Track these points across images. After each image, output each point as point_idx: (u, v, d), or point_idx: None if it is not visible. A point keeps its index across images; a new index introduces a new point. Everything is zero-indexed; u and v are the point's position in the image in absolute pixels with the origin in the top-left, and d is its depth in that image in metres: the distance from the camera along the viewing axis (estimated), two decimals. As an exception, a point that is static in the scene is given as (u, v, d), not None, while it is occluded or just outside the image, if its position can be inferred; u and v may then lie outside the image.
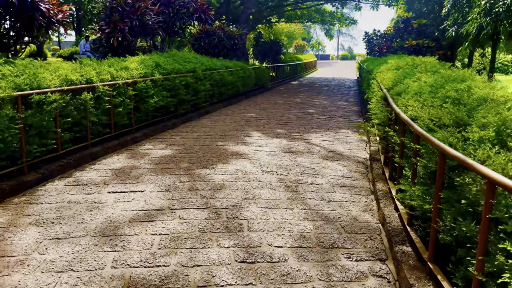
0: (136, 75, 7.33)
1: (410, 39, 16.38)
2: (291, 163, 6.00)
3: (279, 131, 8.50)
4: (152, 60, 8.37)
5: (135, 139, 7.15)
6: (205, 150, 6.68)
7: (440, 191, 2.68)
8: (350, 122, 9.88)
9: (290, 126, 9.11)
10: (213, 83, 11.07)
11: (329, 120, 10.13)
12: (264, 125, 9.09)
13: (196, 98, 9.99)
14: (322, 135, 8.20)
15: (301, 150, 6.88)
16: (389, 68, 8.06)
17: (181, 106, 9.25)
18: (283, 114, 10.78)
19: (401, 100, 4.48)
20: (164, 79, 8.35)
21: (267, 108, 12.01)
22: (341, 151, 6.92)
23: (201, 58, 11.06)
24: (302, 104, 13.06)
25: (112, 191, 4.68)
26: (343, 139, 7.91)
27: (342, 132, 8.60)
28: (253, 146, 7.01)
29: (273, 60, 23.77)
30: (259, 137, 7.79)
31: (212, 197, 4.54)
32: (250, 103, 13.23)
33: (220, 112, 10.98)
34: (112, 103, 6.51)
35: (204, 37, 14.64)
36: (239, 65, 14.05)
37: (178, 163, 5.84)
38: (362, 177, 5.53)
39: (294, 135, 8.09)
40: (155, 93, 7.85)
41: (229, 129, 8.58)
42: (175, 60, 9.55)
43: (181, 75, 9.08)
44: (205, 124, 9.19)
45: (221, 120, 9.76)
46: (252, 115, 10.51)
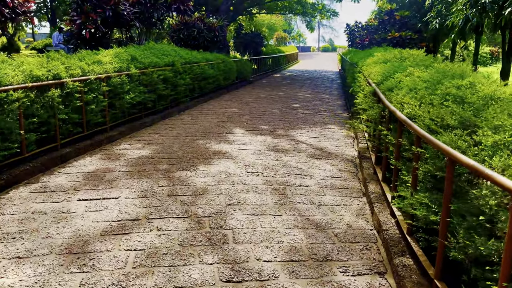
0: (110, 70, 6.85)
1: (393, 31, 16.22)
2: (278, 163, 5.68)
3: (263, 127, 8.16)
4: (127, 53, 7.88)
5: (110, 138, 6.69)
6: (185, 149, 6.28)
7: (449, 201, 2.39)
8: (336, 117, 9.62)
9: (274, 121, 8.79)
10: (193, 77, 10.62)
11: (314, 115, 9.85)
12: (247, 121, 8.73)
13: (176, 93, 9.54)
14: (308, 131, 7.90)
15: (287, 148, 6.57)
16: (376, 61, 7.80)
17: (160, 102, 8.80)
18: (266, 109, 10.44)
19: (395, 96, 4.20)
20: (141, 74, 7.88)
21: (249, 102, 11.64)
22: (329, 149, 6.63)
23: (180, 51, 10.59)
24: (286, 98, 12.75)
25: (82, 198, 4.26)
26: (330, 135, 7.63)
27: (328, 128, 8.32)
28: (237, 144, 6.65)
29: (254, 52, 23.34)
30: (243, 134, 7.43)
31: (193, 203, 4.18)
32: (232, 97, 12.83)
33: (201, 108, 10.56)
34: (84, 100, 6.03)
35: (183, 29, 14.11)
36: (220, 57, 13.61)
37: (157, 165, 5.44)
38: (352, 177, 5.25)
39: (279, 132, 7.76)
40: (131, 89, 7.38)
41: (211, 125, 8.19)
42: (153, 53, 9.06)
43: (159, 69, 8.61)
44: (185, 120, 8.77)
45: (202, 116, 9.35)
46: (235, 110, 10.13)
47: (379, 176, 4.65)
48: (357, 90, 8.48)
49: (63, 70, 5.71)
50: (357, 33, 29.97)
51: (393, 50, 8.76)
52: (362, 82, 7.68)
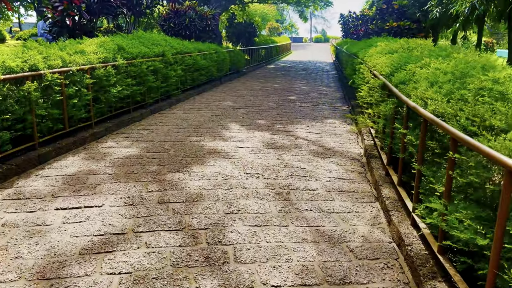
0: (94, 60, 6.28)
1: (391, 21, 15.74)
2: (278, 162, 5.21)
3: (260, 122, 7.67)
4: (114, 43, 7.30)
5: (95, 135, 6.15)
6: (177, 147, 5.78)
7: (506, 222, 1.95)
8: (336, 111, 9.16)
9: (272, 116, 8.30)
10: (185, 68, 10.06)
11: (312, 108, 9.38)
12: (243, 115, 8.23)
13: (167, 85, 8.98)
14: (308, 126, 7.44)
15: (287, 145, 6.10)
16: (380, 51, 7.33)
17: (150, 94, 8.25)
18: (263, 102, 9.94)
19: (414, 91, 3.73)
20: (129, 65, 7.31)
21: (244, 95, 11.12)
22: (332, 146, 6.18)
23: (171, 41, 10.01)
24: (282, 90, 12.25)
25: (61, 207, 3.75)
26: (331, 131, 7.17)
27: (329, 123, 7.86)
28: (233, 142, 6.16)
29: (247, 42, 22.72)
30: (239, 130, 6.94)
31: (187, 212, 3.70)
32: (225, 89, 12.29)
33: (194, 100, 10.02)
34: (65, 93, 5.48)
35: (174, 18, 13.49)
36: (213, 48, 13.02)
37: (146, 166, 4.94)
38: (360, 178, 4.81)
39: (278, 127, 7.28)
40: (118, 81, 6.82)
41: (205, 120, 7.68)
42: (141, 43, 8.48)
43: (148, 60, 8.05)
44: (177, 114, 8.24)
45: (195, 109, 8.82)
46: (229, 104, 9.61)
47: (393, 179, 4.21)
48: (359, 83, 8.02)
49: (41, 61, 5.14)
50: (351, 23, 29.52)
51: (398, 40, 8.30)
52: (366, 74, 7.22)
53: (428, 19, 14.06)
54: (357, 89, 8.92)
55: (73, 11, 7.90)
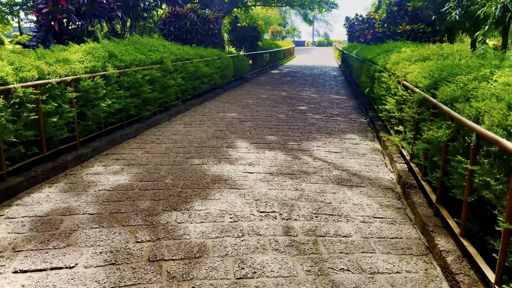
0: (79, 70, 5.40)
1: (404, 24, 14.86)
2: (298, 195, 4.30)
3: (271, 138, 6.77)
4: (104, 49, 6.43)
5: (80, 157, 5.26)
6: (176, 173, 4.88)
7: None
8: (353, 123, 8.25)
9: (283, 130, 7.40)
10: (185, 76, 9.19)
11: (326, 120, 8.47)
12: (251, 130, 7.33)
13: (165, 95, 8.10)
14: (325, 143, 6.53)
15: (304, 169, 5.19)
16: (407, 58, 6.43)
17: (146, 107, 7.36)
18: (271, 113, 9.04)
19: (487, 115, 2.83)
20: (122, 74, 6.44)
21: (250, 105, 10.23)
22: (357, 170, 5.27)
23: (170, 46, 9.14)
24: (290, 99, 11.35)
25: (21, 268, 2.85)
26: (353, 149, 6.26)
27: (348, 138, 6.95)
28: (241, 165, 5.26)
29: (250, 47, 21.89)
30: (247, 149, 6.04)
31: (186, 277, 2.79)
32: (229, 98, 11.41)
33: (195, 112, 9.13)
34: (42, 111, 4.59)
35: (174, 21, 12.63)
36: (216, 53, 12.16)
37: (137, 201, 4.04)
38: (400, 216, 3.90)
39: (291, 145, 6.38)
40: (108, 93, 5.94)
41: (207, 136, 6.78)
42: (137, 49, 7.61)
43: (144, 68, 7.17)
44: (176, 129, 7.35)
45: (196, 122, 7.93)
46: (234, 115, 8.72)
47: (450, 224, 3.29)
48: (381, 93, 7.13)
49: (11, 73, 4.26)
50: (358, 26, 28.67)
51: (428, 44, 7.39)
52: (392, 84, 6.32)
53: (445, 22, 13.17)
54: (376, 100, 8.03)
55: (60, 13, 7.05)
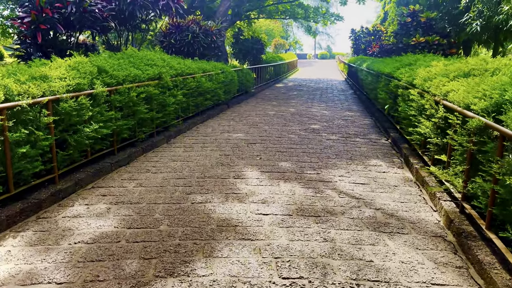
0: (60, 89, 4.53)
1: (418, 35, 14.08)
2: (328, 249, 3.37)
3: (284, 165, 5.86)
4: (92, 64, 5.57)
5: (58, 194, 4.36)
6: (173, 216, 3.97)
7: None
8: (374, 145, 7.34)
9: (297, 154, 6.49)
10: (187, 93, 8.34)
11: (344, 141, 7.57)
12: (261, 154, 6.43)
13: (164, 115, 7.23)
14: (348, 172, 5.62)
15: (330, 207, 4.27)
16: (444, 74, 5.56)
17: (141, 128, 6.49)
18: (281, 133, 8.15)
19: None
20: (113, 92, 5.58)
21: (257, 123, 9.35)
22: (393, 208, 4.35)
23: (170, 60, 8.31)
24: (300, 116, 10.48)
25: None
26: (381, 180, 5.35)
27: (372, 165, 6.03)
28: (253, 203, 4.34)
29: (254, 59, 21.12)
30: (258, 180, 5.13)
31: None
32: (234, 115, 10.54)
33: (198, 132, 8.25)
34: (8, 140, 3.71)
35: (175, 33, 11.85)
36: (219, 67, 11.34)
37: (122, 261, 3.12)
38: (467, 283, 2.96)
39: (309, 174, 5.47)
40: (96, 115, 5.07)
41: (211, 163, 5.88)
42: (132, 63, 6.77)
43: (140, 85, 6.32)
44: (176, 153, 6.45)
45: (198, 145, 7.04)
46: (241, 136, 7.83)
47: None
48: (410, 113, 6.24)
49: (-34, 94, 3.39)
50: (364, 39, 27.99)
51: (467, 58, 6.53)
52: (426, 104, 5.43)
53: (463, 33, 12.39)
54: (401, 119, 7.15)
55: (43, 23, 6.23)
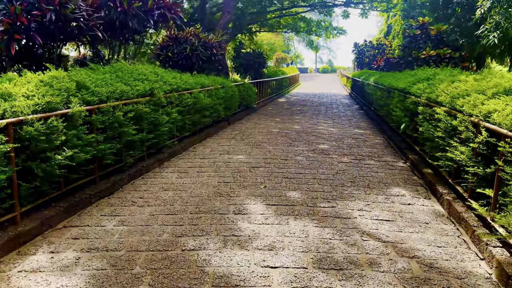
0: (24, 109, 3.76)
1: (428, 48, 13.40)
2: (359, 324, 2.55)
3: (293, 196, 5.05)
4: (70, 79, 4.81)
5: (17, 238, 3.54)
6: (157, 272, 3.14)
7: None
8: (392, 169, 6.52)
9: (307, 181, 5.68)
10: (183, 110, 7.57)
11: (358, 165, 6.76)
12: (265, 181, 5.62)
13: (156, 135, 6.45)
14: (368, 204, 4.80)
15: (353, 256, 3.45)
16: (481, 90, 4.79)
17: (129, 152, 5.69)
18: (287, 155, 7.35)
19: None
20: (94, 111, 4.81)
21: (260, 142, 8.56)
22: (430, 256, 3.52)
23: (164, 74, 7.56)
24: (306, 134, 9.69)
25: None
26: (409, 214, 4.52)
27: (394, 195, 5.21)
28: (258, 251, 3.52)
29: (255, 73, 20.47)
30: (263, 217, 4.31)
31: None
32: (235, 133, 9.77)
33: (194, 153, 7.45)
34: None
35: (172, 45, 11.16)
36: (219, 81, 10.62)
37: None
38: None
39: (322, 208, 4.65)
40: (71, 140, 4.29)
41: (208, 193, 5.07)
42: (120, 78, 6.01)
43: (128, 102, 5.56)
44: (168, 181, 5.65)
45: (194, 170, 6.24)
46: (242, 158, 7.03)
47: None
48: (436, 135, 5.45)
49: None
50: (368, 52, 27.41)
51: (488, 71, 5.78)
52: (459, 126, 4.64)
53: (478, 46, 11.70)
54: (424, 141, 6.36)
55: (19, 33, 5.50)
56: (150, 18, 7.89)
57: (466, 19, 12.76)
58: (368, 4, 21.76)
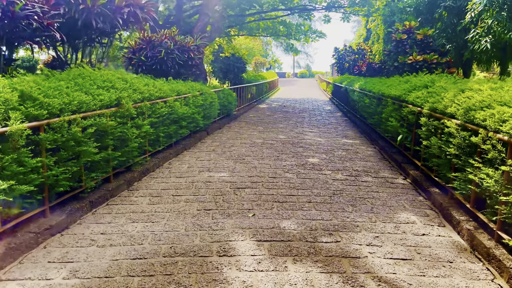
0: None
1: (415, 54, 12.92)
2: None
3: (288, 227, 4.24)
4: (12, 88, 3.87)
5: None
6: None
7: None
8: (393, 187, 5.81)
9: (301, 206, 4.89)
10: (156, 122, 6.68)
11: (355, 182, 6.02)
12: (253, 207, 4.80)
13: (124, 152, 5.53)
14: (377, 235, 4.04)
15: (376, 321, 2.67)
16: (503, 101, 4.13)
17: (90, 174, 4.77)
18: (275, 171, 6.55)
19: None
20: (42, 128, 3.88)
21: (244, 155, 7.73)
22: (471, 315, 2.78)
23: (135, 81, 6.65)
24: (292, 145, 8.93)
25: None
26: (426, 249, 3.79)
27: (403, 221, 4.48)
28: (252, 316, 2.70)
29: (234, 78, 19.64)
30: (255, 261, 3.48)
31: None
32: (215, 144, 8.91)
33: (170, 170, 6.55)
34: None
35: (145, 49, 10.24)
36: (197, 88, 9.75)
37: None
38: None
39: (325, 243, 3.86)
40: (8, 166, 3.36)
41: (186, 226, 4.21)
42: (80, 86, 5.08)
43: (88, 115, 4.64)
44: (137, 208, 4.74)
45: (169, 192, 5.35)
46: (225, 176, 6.19)
47: None
48: (448, 151, 4.77)
49: None
50: (348, 57, 27.04)
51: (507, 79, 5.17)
52: (482, 144, 3.96)
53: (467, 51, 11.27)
54: (424, 154, 5.68)
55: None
56: (119, 17, 6.96)
57: (454, 23, 12.33)
58: (349, 8, 21.32)
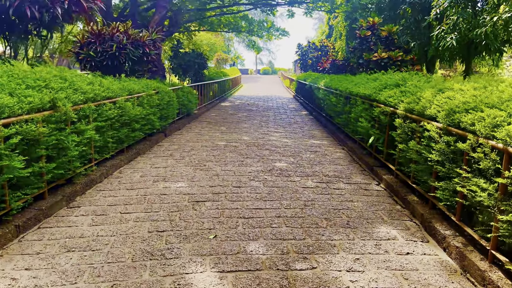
0: None
1: (380, 51, 12.71)
2: None
3: (256, 251, 3.63)
4: None
5: None
6: None
7: None
8: (367, 195, 5.35)
9: (270, 223, 4.30)
10: (103, 126, 5.86)
11: (327, 190, 5.51)
12: (215, 226, 4.15)
13: (61, 163, 4.71)
14: (357, 257, 3.52)
15: None
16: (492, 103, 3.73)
17: (15, 193, 3.94)
18: (240, 179, 5.93)
19: None
20: None
21: (205, 161, 7.05)
22: None
23: (76, 79, 5.79)
24: (258, 148, 8.34)
25: None
26: (413, 272, 3.30)
27: (383, 238, 3.99)
28: None
29: (195, 75, 18.80)
30: (217, 300, 2.86)
31: None
32: (173, 148, 8.16)
33: (119, 181, 5.76)
34: None
35: (94, 43, 9.27)
36: (153, 86, 8.94)
37: None
38: None
39: (299, 271, 3.29)
40: None
41: (133, 255, 3.50)
42: (2, 86, 4.22)
43: (10, 122, 3.81)
44: (76, 232, 3.97)
45: (117, 210, 4.59)
46: (182, 187, 5.49)
47: None
48: (432, 157, 4.34)
49: None
50: (311, 54, 26.85)
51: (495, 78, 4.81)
52: (472, 151, 3.53)
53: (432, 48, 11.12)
54: (398, 158, 5.27)
55: None
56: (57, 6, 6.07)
57: (418, 20, 12.17)
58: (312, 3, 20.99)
